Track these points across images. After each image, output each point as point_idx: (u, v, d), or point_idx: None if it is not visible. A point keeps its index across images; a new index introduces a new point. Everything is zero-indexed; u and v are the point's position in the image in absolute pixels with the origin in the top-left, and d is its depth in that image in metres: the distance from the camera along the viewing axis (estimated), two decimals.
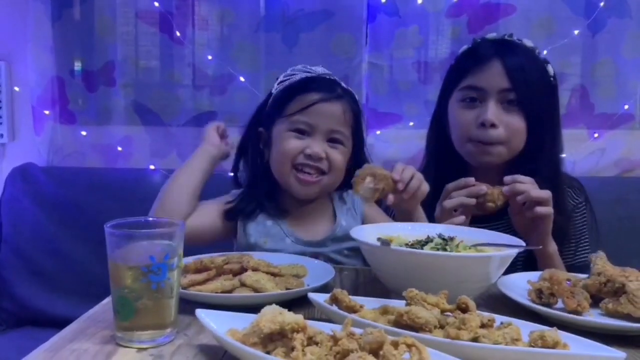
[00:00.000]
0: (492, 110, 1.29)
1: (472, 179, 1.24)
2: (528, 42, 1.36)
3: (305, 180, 1.30)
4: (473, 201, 1.21)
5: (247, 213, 1.35)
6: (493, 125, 1.29)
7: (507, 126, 1.30)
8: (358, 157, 1.39)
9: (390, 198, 1.16)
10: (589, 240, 1.42)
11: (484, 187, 1.21)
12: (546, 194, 1.19)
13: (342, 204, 1.41)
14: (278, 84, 1.38)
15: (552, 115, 1.36)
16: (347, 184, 1.37)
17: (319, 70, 1.38)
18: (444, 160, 1.43)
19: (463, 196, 1.22)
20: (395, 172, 1.17)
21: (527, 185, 1.20)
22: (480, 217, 1.35)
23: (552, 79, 1.36)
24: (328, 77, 1.36)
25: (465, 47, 1.43)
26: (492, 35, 1.40)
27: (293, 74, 1.37)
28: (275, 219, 1.36)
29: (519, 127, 1.31)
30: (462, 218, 1.22)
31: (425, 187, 1.19)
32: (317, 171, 1.30)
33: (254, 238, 1.34)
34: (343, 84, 1.37)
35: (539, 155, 1.33)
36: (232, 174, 1.45)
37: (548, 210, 1.19)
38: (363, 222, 1.38)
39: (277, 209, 1.37)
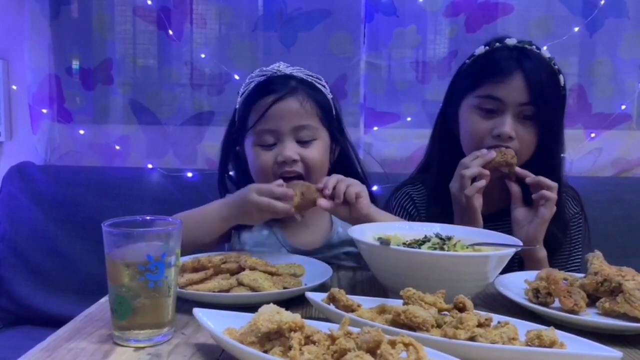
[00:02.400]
0: (510, 124, 1.29)
1: (484, 150, 1.29)
2: (545, 53, 1.35)
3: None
4: (487, 172, 1.27)
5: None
6: (509, 138, 1.29)
7: (521, 139, 1.30)
8: (341, 146, 1.37)
9: (321, 202, 1.14)
10: (582, 250, 1.43)
11: (493, 153, 1.28)
12: (553, 183, 1.26)
13: None
14: (240, 97, 1.34)
15: (560, 125, 1.36)
16: None
17: (276, 67, 1.32)
18: (447, 158, 1.42)
19: (479, 166, 1.28)
20: (320, 182, 1.17)
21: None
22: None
23: (562, 89, 1.35)
24: (279, 73, 1.30)
25: (482, 48, 1.39)
26: (511, 41, 1.36)
27: (250, 83, 1.33)
28: (271, 228, 1.34)
29: (531, 140, 1.31)
30: (483, 182, 1.27)
31: (360, 189, 1.15)
32: (296, 175, 1.26)
33: (248, 246, 1.32)
34: (302, 75, 1.32)
35: (543, 164, 1.33)
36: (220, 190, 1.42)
37: (553, 196, 1.25)
38: None
39: (274, 219, 1.30)
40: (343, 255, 1.35)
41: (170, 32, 2.04)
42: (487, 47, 1.38)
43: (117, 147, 2.10)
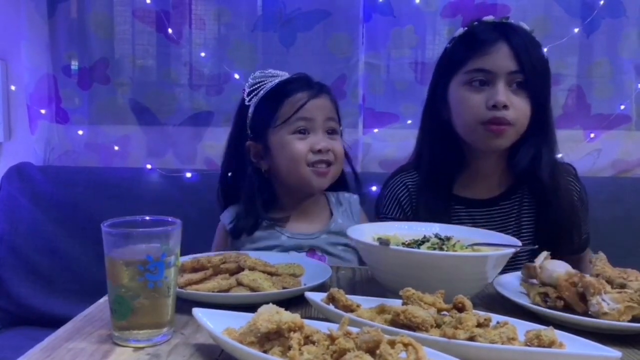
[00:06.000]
0: (503, 92, 1.29)
1: None
2: (525, 25, 1.36)
3: (321, 173, 1.34)
4: None
5: (250, 228, 1.36)
6: (505, 107, 1.29)
7: (516, 108, 1.30)
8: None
9: None
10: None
11: None
12: None
13: (338, 206, 1.44)
14: (251, 96, 1.38)
15: (548, 97, 1.37)
16: (340, 181, 1.43)
17: (282, 73, 1.41)
18: (439, 145, 1.43)
19: None
20: None
21: None
22: (479, 202, 1.38)
23: (546, 61, 1.36)
24: (302, 76, 1.40)
25: (460, 30, 1.40)
26: (489, 17, 1.38)
27: (261, 82, 1.38)
28: (270, 221, 1.38)
29: (526, 109, 1.31)
30: None
31: None
32: (326, 163, 1.34)
33: (249, 242, 1.36)
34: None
35: (540, 139, 1.33)
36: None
37: None
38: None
39: (275, 216, 1.38)
40: (340, 247, 1.38)
41: (170, 32, 2.04)
42: (466, 28, 1.40)
43: (116, 148, 2.10)
